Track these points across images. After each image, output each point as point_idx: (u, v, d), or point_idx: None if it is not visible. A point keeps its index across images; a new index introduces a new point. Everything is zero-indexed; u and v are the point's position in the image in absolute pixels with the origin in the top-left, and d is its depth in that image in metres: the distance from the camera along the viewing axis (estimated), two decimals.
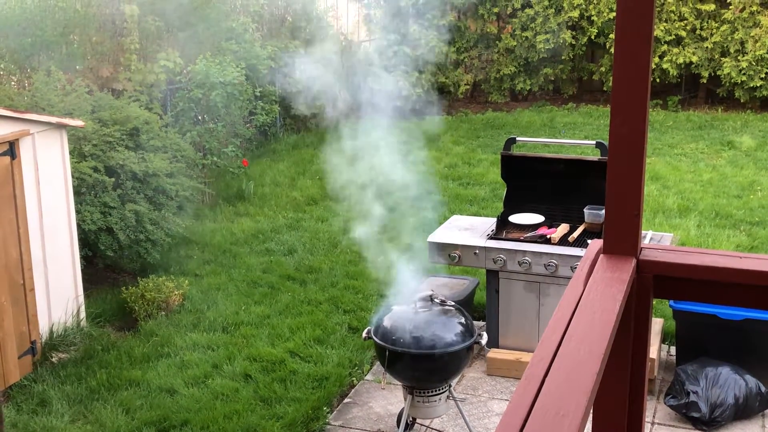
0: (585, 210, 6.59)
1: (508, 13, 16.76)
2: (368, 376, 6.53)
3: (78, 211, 7.23)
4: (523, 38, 16.44)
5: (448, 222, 7.07)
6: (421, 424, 5.79)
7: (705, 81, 15.75)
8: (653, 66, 15.39)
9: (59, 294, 6.85)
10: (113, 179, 7.71)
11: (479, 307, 7.26)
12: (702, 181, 11.15)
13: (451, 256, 6.53)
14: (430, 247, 6.60)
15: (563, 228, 6.61)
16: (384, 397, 6.20)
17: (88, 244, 7.51)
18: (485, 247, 6.44)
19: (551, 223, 6.76)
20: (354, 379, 6.46)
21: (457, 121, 15.29)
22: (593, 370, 1.47)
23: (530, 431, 1.29)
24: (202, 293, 7.88)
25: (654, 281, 2.04)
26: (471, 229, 6.77)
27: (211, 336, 7.08)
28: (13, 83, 10.19)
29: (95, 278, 8.11)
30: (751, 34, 15.00)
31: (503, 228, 6.72)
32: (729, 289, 2.04)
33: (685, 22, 15.53)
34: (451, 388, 5.46)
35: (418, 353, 5.16)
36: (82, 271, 7.20)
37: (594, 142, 6.75)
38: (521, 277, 6.43)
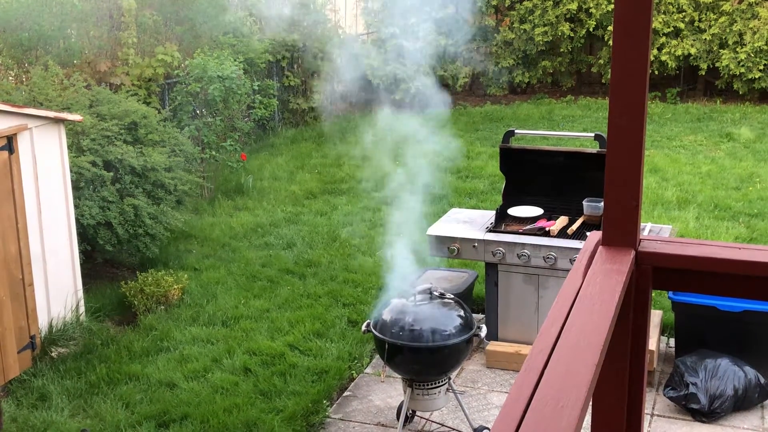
0: (584, 202, 6.59)
1: (506, 5, 16.74)
2: (368, 369, 6.54)
3: (76, 206, 7.22)
4: (522, 31, 16.42)
5: (447, 215, 7.07)
6: (421, 417, 5.79)
7: (703, 73, 15.74)
8: (652, 58, 15.39)
9: (58, 289, 6.85)
10: (112, 174, 7.70)
11: (478, 300, 7.27)
12: (701, 173, 11.15)
13: (450, 249, 6.53)
14: (429, 240, 6.60)
15: (562, 220, 6.61)
16: (384, 390, 6.21)
17: (86, 238, 7.51)
18: (484, 240, 6.44)
19: (550, 215, 6.76)
20: (354, 372, 6.47)
21: (455, 114, 15.28)
22: (592, 362, 1.47)
23: (530, 422, 1.29)
24: (202, 287, 7.88)
25: (653, 273, 2.04)
26: (470, 222, 6.77)
27: (210, 330, 7.08)
28: (10, 78, 10.17)
29: (94, 273, 8.11)
30: (750, 26, 14.99)
31: (502, 221, 6.72)
32: (728, 281, 2.04)
33: (684, 14, 15.51)
34: (451, 381, 5.47)
35: (417, 346, 5.17)
36: (81, 265, 7.20)
37: (593, 134, 6.74)
38: (520, 270, 6.43)
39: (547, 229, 6.47)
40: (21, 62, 10.05)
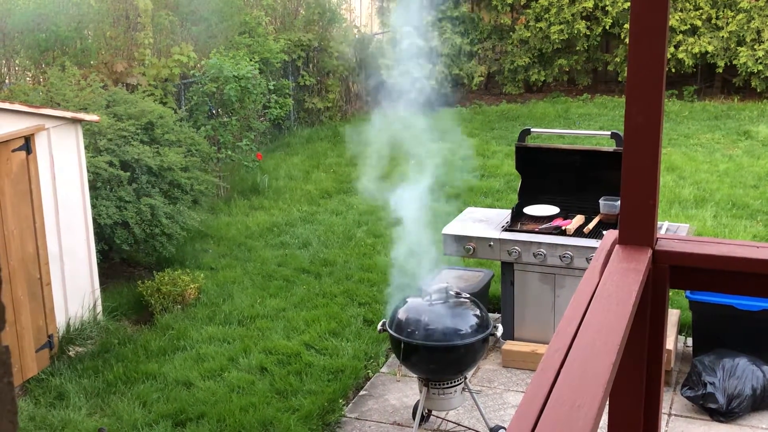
0: (600, 201, 6.56)
1: (522, 4, 16.70)
2: (383, 369, 6.54)
3: (94, 206, 7.26)
4: (537, 29, 16.37)
5: (462, 214, 7.05)
6: (437, 417, 5.79)
7: (721, 71, 15.64)
8: (668, 56, 15.33)
9: (76, 288, 6.89)
10: (128, 173, 7.74)
11: (494, 299, 7.25)
12: (718, 172, 11.08)
13: (466, 248, 6.52)
14: (444, 240, 6.60)
15: (578, 219, 6.58)
16: (399, 390, 6.21)
17: (103, 238, 7.55)
18: (500, 239, 6.43)
19: (566, 214, 6.74)
20: (369, 371, 6.47)
21: (471, 113, 15.26)
22: (609, 361, 1.47)
23: (546, 422, 1.29)
24: (218, 287, 7.90)
25: (670, 272, 2.03)
26: (486, 221, 6.75)
27: (226, 329, 7.10)
28: (28, 78, 10.24)
29: (111, 272, 8.15)
30: None
31: (518, 220, 6.71)
32: (746, 279, 2.03)
33: (701, 11, 15.42)
34: (467, 380, 5.46)
35: (433, 345, 5.16)
36: (98, 265, 7.24)
37: (609, 132, 6.71)
38: (536, 269, 6.41)
39: (563, 227, 6.45)
40: (38, 63, 10.12)
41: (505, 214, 6.88)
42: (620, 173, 2.01)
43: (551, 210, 6.76)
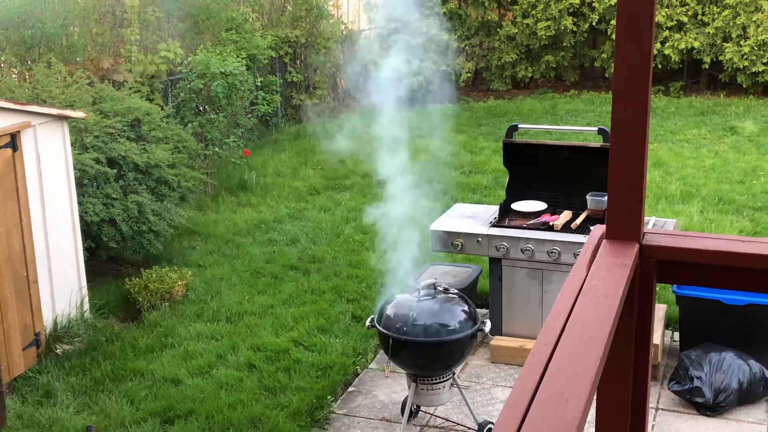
0: (587, 197, 6.58)
1: (509, 0, 16.72)
2: (372, 365, 6.54)
3: (80, 203, 7.23)
4: (525, 25, 16.40)
5: (450, 210, 7.06)
6: (426, 412, 5.80)
7: (707, 66, 15.71)
8: (655, 52, 15.35)
9: (63, 286, 6.86)
10: (115, 170, 7.71)
11: (482, 295, 7.27)
12: (705, 167, 11.13)
13: (454, 244, 6.53)
14: (433, 236, 6.60)
15: (566, 215, 6.60)
16: (388, 386, 6.21)
17: (90, 235, 7.52)
18: (488, 234, 6.44)
19: (554, 210, 6.76)
20: (358, 367, 6.47)
21: (458, 109, 15.27)
22: (597, 355, 1.47)
23: (534, 416, 1.29)
24: (206, 284, 7.89)
25: (657, 266, 2.04)
26: (473, 217, 6.77)
27: (214, 326, 7.09)
28: (14, 75, 10.18)
29: (98, 270, 8.12)
30: (753, 19, 14.96)
31: (506, 216, 6.72)
32: (732, 274, 2.04)
33: (687, 7, 15.48)
34: (455, 376, 5.47)
35: (421, 341, 5.17)
36: (86, 262, 7.21)
37: (596, 128, 6.73)
38: (524, 265, 6.43)
39: (550, 223, 6.46)
40: (24, 60, 10.06)
41: (492, 210, 6.89)
42: (607, 169, 2.01)
43: (539, 206, 6.77)
